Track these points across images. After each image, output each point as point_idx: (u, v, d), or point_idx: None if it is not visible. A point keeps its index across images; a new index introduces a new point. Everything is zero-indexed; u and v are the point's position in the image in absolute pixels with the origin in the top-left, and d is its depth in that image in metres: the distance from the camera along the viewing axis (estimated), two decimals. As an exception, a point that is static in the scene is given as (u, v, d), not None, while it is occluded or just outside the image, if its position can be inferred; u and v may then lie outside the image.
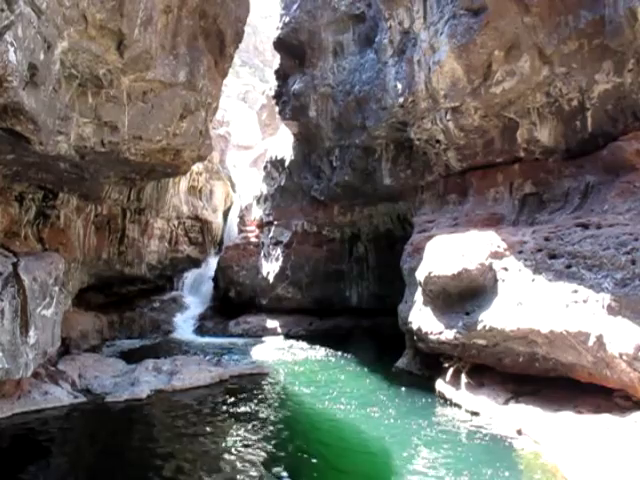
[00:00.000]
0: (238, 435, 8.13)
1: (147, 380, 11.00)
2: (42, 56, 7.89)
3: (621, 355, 6.81)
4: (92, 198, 15.37)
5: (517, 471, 6.61)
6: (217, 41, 13.64)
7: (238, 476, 6.58)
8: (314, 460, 7.16)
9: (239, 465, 6.92)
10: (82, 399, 9.90)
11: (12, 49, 6.90)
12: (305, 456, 7.31)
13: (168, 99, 11.81)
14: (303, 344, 17.20)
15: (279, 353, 15.69)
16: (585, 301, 7.52)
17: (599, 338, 7.13)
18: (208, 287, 23.43)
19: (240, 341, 18.09)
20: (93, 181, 13.39)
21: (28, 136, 8.65)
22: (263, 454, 7.36)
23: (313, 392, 10.71)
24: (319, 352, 15.67)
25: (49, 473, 7.04)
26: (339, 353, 15.02)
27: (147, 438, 8.18)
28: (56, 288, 10.29)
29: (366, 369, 12.92)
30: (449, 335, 9.79)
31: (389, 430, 8.29)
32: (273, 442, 7.89)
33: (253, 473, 6.69)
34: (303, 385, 11.33)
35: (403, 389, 10.75)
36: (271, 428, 8.54)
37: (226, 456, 7.27)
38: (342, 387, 11.15)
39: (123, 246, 18.48)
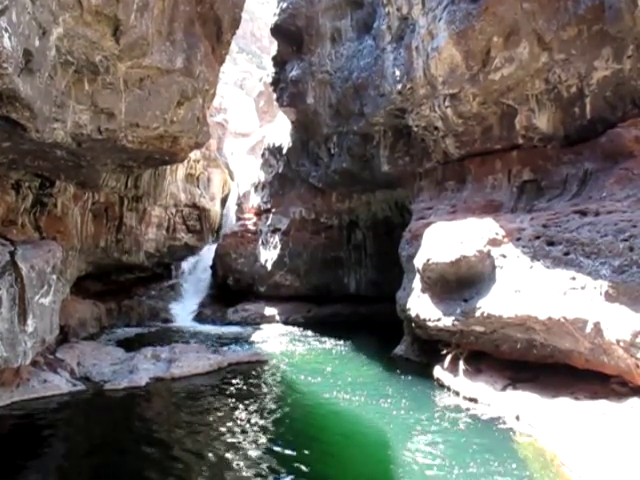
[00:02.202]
0: (236, 422, 8.17)
1: (146, 368, 11.03)
2: (37, 42, 7.81)
3: (618, 341, 6.84)
4: (89, 186, 15.32)
5: (515, 457, 6.65)
6: (214, 27, 13.51)
7: (237, 463, 6.63)
8: (313, 447, 7.21)
9: (238, 452, 6.97)
10: (81, 387, 9.93)
11: (7, 35, 6.82)
12: (304, 443, 7.35)
13: (165, 86, 11.71)
14: (301, 331, 17.27)
15: (277, 340, 15.74)
16: (583, 288, 7.54)
17: (596, 325, 7.15)
18: (206, 275, 23.44)
19: (238, 328, 18.17)
20: (90, 169, 13.32)
21: (24, 123, 8.58)
22: (261, 441, 7.40)
23: (311, 379, 10.76)
24: (317, 339, 15.74)
25: (48, 461, 7.06)
26: (337, 340, 15.08)
27: (146, 426, 8.22)
28: (54, 276, 10.27)
29: (364, 356, 12.99)
30: (447, 322, 9.82)
31: (387, 416, 8.33)
32: (271, 429, 7.94)
33: (252, 460, 6.73)
34: (301, 372, 11.38)
35: (401, 376, 10.80)
36: (269, 415, 8.58)
37: (225, 443, 7.31)
38: (340, 374, 11.21)
39: (121, 234, 18.44)
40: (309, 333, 16.76)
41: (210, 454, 6.91)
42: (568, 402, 7.57)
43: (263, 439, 7.46)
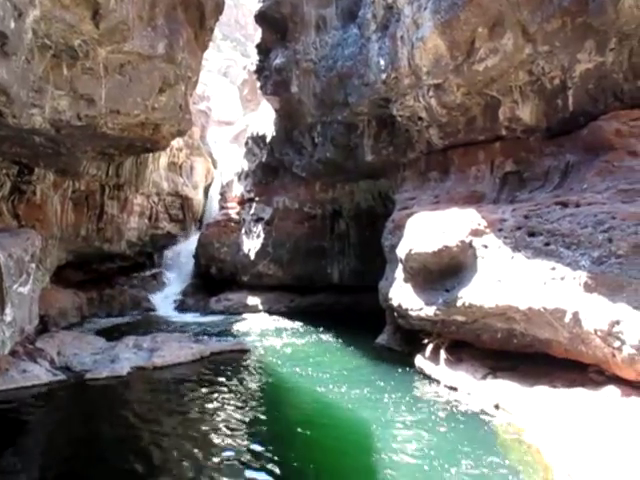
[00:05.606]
0: (219, 412, 8.16)
1: (127, 357, 10.96)
2: (12, 24, 7.63)
3: (596, 331, 6.93)
4: (69, 173, 15.09)
5: (494, 444, 6.73)
6: (197, 13, 13.34)
7: (218, 453, 6.62)
8: (294, 438, 7.22)
9: (219, 442, 6.96)
10: (61, 377, 9.83)
11: (-18, 17, 6.66)
12: (285, 434, 7.37)
13: (146, 72, 11.55)
14: (284, 321, 17.28)
15: (260, 330, 15.72)
16: (562, 278, 7.62)
17: (575, 315, 7.24)
18: (189, 264, 23.32)
19: (221, 318, 18.13)
20: (70, 156, 13.12)
21: (0, 109, 8.42)
22: (244, 430, 7.41)
23: (293, 369, 10.76)
24: (300, 329, 15.75)
25: (27, 451, 7.00)
26: (320, 330, 15.11)
27: (127, 415, 8.16)
28: (33, 265, 10.13)
29: (346, 345, 13.03)
30: (429, 312, 9.88)
31: (369, 406, 8.37)
32: (253, 418, 7.94)
33: (233, 449, 6.73)
34: (283, 362, 11.39)
35: (383, 365, 10.86)
36: (252, 404, 8.58)
37: (206, 433, 7.30)
38: (322, 363, 11.24)
39: (102, 222, 18.24)
40: (292, 323, 16.77)
41: (191, 443, 6.89)
42: (546, 390, 7.67)
43: (245, 428, 7.46)
